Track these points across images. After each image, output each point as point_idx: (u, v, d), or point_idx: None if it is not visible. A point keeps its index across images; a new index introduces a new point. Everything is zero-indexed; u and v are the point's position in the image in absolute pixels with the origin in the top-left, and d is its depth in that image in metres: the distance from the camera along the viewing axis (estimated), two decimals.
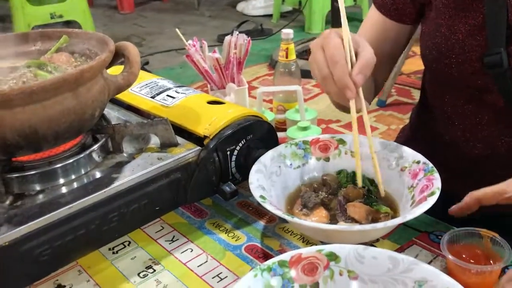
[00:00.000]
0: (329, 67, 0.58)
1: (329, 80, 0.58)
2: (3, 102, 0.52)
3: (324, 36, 0.60)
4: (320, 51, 0.59)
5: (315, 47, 0.60)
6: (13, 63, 0.69)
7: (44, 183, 0.60)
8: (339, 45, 0.58)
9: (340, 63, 0.57)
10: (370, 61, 0.59)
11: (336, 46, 0.58)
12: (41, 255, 0.54)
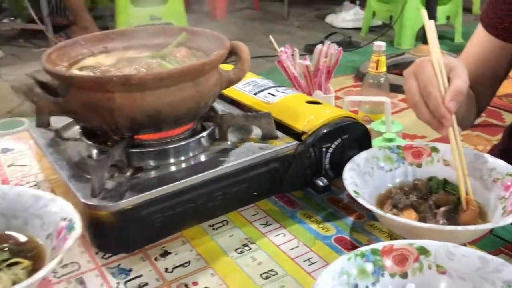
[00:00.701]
0: (422, 96, 0.61)
1: (421, 107, 0.62)
2: (137, 85, 0.60)
3: (417, 64, 0.63)
4: (413, 80, 0.63)
5: (409, 75, 0.64)
6: (137, 53, 0.78)
7: (158, 160, 0.67)
8: (432, 75, 0.61)
9: (433, 94, 0.61)
10: (462, 88, 0.61)
11: (429, 76, 0.61)
12: (155, 221, 0.61)
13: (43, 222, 0.57)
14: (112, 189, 0.60)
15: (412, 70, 0.64)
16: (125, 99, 0.61)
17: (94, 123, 0.65)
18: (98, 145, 0.68)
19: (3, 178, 0.83)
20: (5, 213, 0.59)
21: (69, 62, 0.72)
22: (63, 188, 0.69)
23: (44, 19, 2.92)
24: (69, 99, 0.64)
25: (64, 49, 0.73)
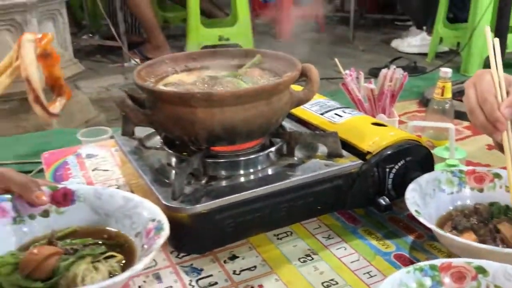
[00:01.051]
0: (479, 102, 0.65)
1: (477, 113, 0.65)
2: (217, 101, 0.66)
3: (477, 75, 0.67)
4: (472, 89, 0.67)
5: (468, 85, 0.67)
6: (215, 72, 0.85)
7: (230, 171, 0.73)
8: (490, 83, 0.65)
9: (489, 99, 0.64)
10: None
11: (487, 84, 0.65)
12: (227, 226, 0.66)
13: (133, 221, 0.63)
14: (189, 194, 0.66)
15: (472, 81, 0.67)
16: (206, 113, 0.67)
17: (176, 133, 0.72)
18: (178, 154, 0.75)
19: (88, 181, 0.92)
20: (100, 211, 0.66)
21: (155, 78, 0.79)
22: (143, 192, 0.76)
23: (120, 36, 3.10)
24: (156, 111, 0.71)
25: (152, 67, 0.80)
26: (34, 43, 0.49)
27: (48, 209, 0.66)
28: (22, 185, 0.66)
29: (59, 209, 0.67)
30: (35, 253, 0.56)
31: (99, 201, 0.67)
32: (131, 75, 3.13)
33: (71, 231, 0.65)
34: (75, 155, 1.01)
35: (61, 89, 0.54)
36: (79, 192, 0.68)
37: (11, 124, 1.92)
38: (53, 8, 1.96)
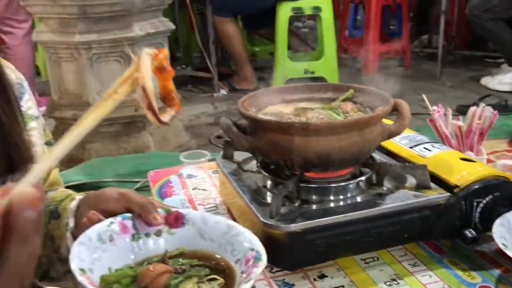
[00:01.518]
0: None
1: None
2: (314, 131, 0.73)
3: None
4: None
5: None
6: (310, 105, 0.92)
7: (321, 196, 0.79)
8: None
9: None
10: None
11: None
12: (318, 246, 0.72)
13: (234, 248, 0.67)
14: (285, 214, 0.73)
15: None
16: (302, 141, 0.74)
17: (273, 158, 0.80)
18: (273, 177, 0.82)
19: (189, 199, 1.01)
20: (205, 235, 0.71)
21: (256, 108, 0.88)
22: (240, 210, 0.84)
23: (211, 68, 3.29)
24: (257, 138, 0.79)
25: (253, 98, 0.89)
26: (151, 57, 0.55)
27: (161, 229, 0.71)
28: (142, 206, 0.71)
29: (170, 230, 0.72)
30: (151, 269, 0.61)
31: (205, 226, 0.71)
32: (220, 104, 3.33)
33: (180, 252, 0.70)
34: (177, 175, 1.12)
35: (172, 101, 0.60)
36: (189, 216, 0.73)
37: (115, 145, 2.11)
38: (156, 41, 2.15)
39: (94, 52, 1.98)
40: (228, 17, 3.33)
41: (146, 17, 2.06)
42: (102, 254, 0.66)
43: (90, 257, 0.64)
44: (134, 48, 2.03)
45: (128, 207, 0.72)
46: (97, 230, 0.68)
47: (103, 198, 0.75)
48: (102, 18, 1.94)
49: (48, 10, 1.94)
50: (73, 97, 2.06)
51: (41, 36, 2.04)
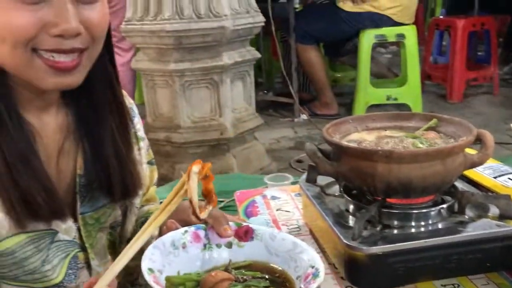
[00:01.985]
0: None
1: None
2: (397, 159, 0.77)
3: None
4: None
5: None
6: (393, 133, 0.95)
7: (403, 221, 0.82)
8: None
9: None
10: None
11: None
12: (398, 269, 0.75)
13: (297, 265, 0.72)
14: (366, 237, 0.77)
15: None
16: (385, 168, 0.78)
17: (356, 184, 0.84)
18: (356, 202, 0.86)
19: (273, 219, 1.07)
20: (272, 250, 0.76)
21: (340, 135, 0.93)
22: (322, 232, 0.89)
23: (293, 94, 3.37)
24: (340, 163, 0.84)
25: (337, 125, 0.94)
26: (198, 174, 0.71)
27: (231, 241, 0.77)
28: (215, 218, 0.77)
29: (240, 243, 0.78)
30: (213, 275, 0.68)
31: (272, 242, 0.76)
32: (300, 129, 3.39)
33: (246, 264, 0.76)
34: (262, 196, 1.19)
35: (211, 199, 0.74)
36: (258, 231, 0.78)
37: None
38: (243, 69, 2.27)
39: (186, 79, 2.13)
40: (311, 45, 3.41)
41: (235, 47, 2.19)
42: (174, 259, 0.73)
43: (162, 260, 0.71)
44: (222, 77, 2.15)
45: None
46: (172, 237, 0.75)
47: (182, 209, 0.82)
48: (195, 48, 2.09)
49: (147, 41, 2.12)
50: (166, 120, 2.22)
51: (140, 64, 2.23)
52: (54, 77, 0.72)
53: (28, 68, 0.70)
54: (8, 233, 0.74)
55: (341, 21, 3.28)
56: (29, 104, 0.77)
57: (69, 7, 0.68)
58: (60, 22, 0.68)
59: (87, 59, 0.74)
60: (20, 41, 0.68)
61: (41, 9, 0.67)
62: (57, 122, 0.82)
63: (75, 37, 0.70)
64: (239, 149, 2.31)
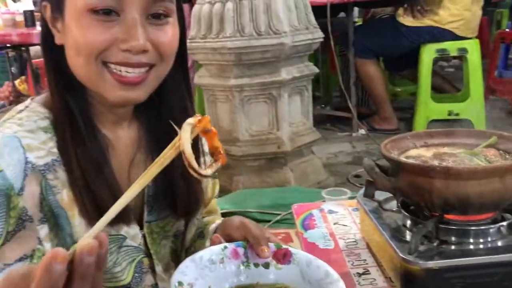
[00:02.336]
0: None
1: None
2: (454, 175, 0.78)
3: None
4: None
5: None
6: (451, 150, 0.96)
7: (460, 238, 0.82)
8: None
9: None
10: None
11: None
12: (455, 285, 0.76)
13: None
14: (423, 252, 0.78)
15: None
16: (442, 184, 0.79)
17: (414, 199, 0.85)
18: (413, 217, 0.87)
19: (330, 232, 1.10)
20: (305, 276, 0.76)
21: (398, 151, 0.94)
22: (379, 246, 0.91)
23: (351, 108, 3.37)
24: (398, 179, 0.86)
25: (395, 141, 0.96)
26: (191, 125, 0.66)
27: (269, 262, 0.77)
28: (256, 237, 0.79)
29: (277, 265, 0.78)
30: None
31: (307, 268, 0.76)
32: (358, 144, 3.38)
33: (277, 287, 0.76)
34: (319, 210, 1.21)
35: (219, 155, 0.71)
36: (296, 255, 0.78)
37: (259, 179, 2.28)
38: (301, 84, 2.30)
39: (245, 94, 2.19)
40: (370, 59, 3.40)
41: (293, 62, 2.23)
42: (209, 273, 0.73)
43: (195, 273, 0.71)
44: (280, 91, 2.20)
45: (244, 235, 0.81)
46: (211, 251, 0.76)
47: (228, 224, 0.87)
48: (254, 64, 2.15)
49: (209, 57, 2.20)
50: (226, 133, 2.29)
51: (202, 79, 2.32)
52: (120, 91, 0.77)
53: (98, 80, 0.77)
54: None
55: (401, 36, 3.26)
56: (104, 118, 0.84)
57: (139, 26, 0.75)
58: (129, 39, 0.74)
59: (154, 76, 0.80)
60: (93, 54, 0.75)
61: (113, 27, 0.74)
62: (129, 136, 0.89)
63: (142, 53, 0.76)
64: (296, 163, 2.34)
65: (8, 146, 0.75)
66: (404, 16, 3.24)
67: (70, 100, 0.79)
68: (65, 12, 0.76)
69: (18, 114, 0.81)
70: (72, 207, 0.79)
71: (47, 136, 0.79)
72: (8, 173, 0.73)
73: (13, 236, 0.74)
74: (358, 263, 0.96)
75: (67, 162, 0.79)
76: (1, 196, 0.72)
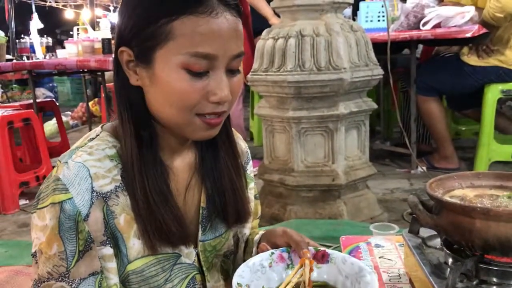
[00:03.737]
0: None
1: None
2: (494, 217, 0.80)
3: None
4: None
5: None
6: (497, 192, 0.97)
7: (501, 279, 0.84)
8: None
9: None
10: None
11: None
12: None
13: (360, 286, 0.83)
14: None
15: None
16: (483, 225, 0.82)
17: (455, 238, 0.88)
18: (454, 255, 0.90)
19: (375, 265, 1.12)
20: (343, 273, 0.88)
21: (443, 190, 0.97)
22: (420, 282, 0.93)
23: (410, 145, 3.34)
24: (441, 217, 0.89)
25: (442, 180, 0.99)
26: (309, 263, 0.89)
27: None
28: (297, 242, 0.92)
29: (317, 264, 0.91)
30: None
31: (343, 265, 0.89)
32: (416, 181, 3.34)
33: (320, 284, 0.90)
34: (366, 243, 1.24)
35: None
36: (333, 255, 0.91)
37: (312, 209, 2.31)
38: (359, 119, 2.34)
39: (302, 126, 2.25)
40: (432, 96, 3.37)
41: (351, 97, 2.28)
42: (261, 276, 0.88)
43: (250, 276, 0.86)
44: (337, 125, 2.25)
45: (287, 241, 0.94)
46: (261, 257, 0.91)
47: (273, 233, 1.00)
48: (312, 97, 2.22)
49: (269, 90, 2.29)
50: (281, 163, 2.36)
51: (261, 110, 2.41)
52: (205, 132, 0.87)
53: (187, 126, 0.86)
54: (139, 255, 0.89)
55: (465, 75, 3.22)
56: (167, 148, 0.93)
57: (224, 79, 0.84)
58: (218, 93, 0.84)
59: (226, 115, 0.90)
60: (186, 106, 0.84)
61: (204, 83, 0.83)
62: (187, 161, 0.98)
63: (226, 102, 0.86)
64: (350, 196, 2.36)
65: (78, 176, 0.84)
66: (469, 56, 3.21)
67: (140, 131, 0.88)
68: (155, 63, 0.83)
69: (89, 142, 0.90)
70: (128, 230, 0.87)
71: (113, 164, 0.88)
72: (77, 200, 0.82)
73: (84, 255, 0.83)
74: None
75: (131, 189, 0.87)
76: (71, 221, 0.82)
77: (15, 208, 3.08)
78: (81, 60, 3.65)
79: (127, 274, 0.88)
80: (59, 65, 3.77)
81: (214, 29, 0.81)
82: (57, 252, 0.82)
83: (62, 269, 0.82)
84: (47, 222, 0.82)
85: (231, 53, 0.83)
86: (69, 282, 0.83)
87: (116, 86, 0.90)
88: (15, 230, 2.83)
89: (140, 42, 0.83)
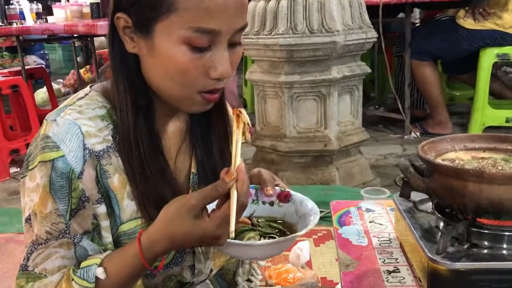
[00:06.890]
0: None
1: None
2: (488, 179, 0.78)
3: None
4: None
5: None
6: (490, 154, 0.95)
7: (492, 242, 0.82)
8: None
9: None
10: None
11: None
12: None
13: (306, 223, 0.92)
14: (451, 253, 0.79)
15: None
16: (476, 188, 0.79)
17: (447, 201, 0.86)
18: (445, 219, 0.88)
19: (365, 230, 1.11)
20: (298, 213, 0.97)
21: (436, 153, 0.95)
22: (411, 246, 0.92)
23: (404, 110, 3.32)
24: (432, 180, 0.86)
25: (434, 143, 0.96)
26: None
27: (274, 201, 0.99)
28: (265, 181, 0.94)
29: (279, 203, 1.00)
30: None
31: (300, 206, 0.96)
32: (409, 147, 3.33)
33: (274, 218, 0.99)
34: (357, 208, 1.23)
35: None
36: (294, 196, 0.99)
37: (304, 175, 2.30)
38: (352, 83, 2.30)
39: (295, 91, 2.22)
40: (427, 61, 3.33)
41: (344, 61, 2.24)
42: None
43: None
44: (330, 90, 2.21)
45: (258, 181, 0.97)
46: None
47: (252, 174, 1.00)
48: (305, 61, 2.17)
49: (261, 54, 2.24)
50: (273, 129, 2.33)
51: (253, 75, 2.37)
52: (202, 106, 0.86)
53: (186, 101, 0.84)
54: (132, 216, 0.88)
55: (460, 39, 3.17)
56: (160, 113, 0.90)
57: (225, 54, 0.81)
58: (219, 68, 0.81)
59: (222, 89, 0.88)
60: (187, 82, 0.81)
61: (205, 58, 0.80)
62: (177, 127, 0.95)
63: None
64: (342, 162, 2.34)
65: (69, 133, 0.82)
66: (465, 19, 3.15)
67: (136, 99, 0.85)
68: (154, 35, 0.80)
69: (78, 101, 0.87)
70: (121, 190, 0.86)
71: (104, 124, 0.86)
72: (69, 158, 0.80)
73: (76, 214, 0.82)
74: (389, 261, 0.97)
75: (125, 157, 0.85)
76: (64, 179, 0.80)
77: (5, 176, 3.06)
78: (69, 24, 3.56)
79: (119, 235, 0.88)
80: (46, 30, 3.68)
81: (219, 3, 0.77)
82: (53, 210, 0.80)
83: (61, 225, 0.81)
84: (38, 181, 0.80)
85: (236, 27, 0.80)
86: (71, 238, 0.82)
87: (111, 52, 0.87)
88: (6, 198, 2.81)
89: (140, 11, 0.79)
